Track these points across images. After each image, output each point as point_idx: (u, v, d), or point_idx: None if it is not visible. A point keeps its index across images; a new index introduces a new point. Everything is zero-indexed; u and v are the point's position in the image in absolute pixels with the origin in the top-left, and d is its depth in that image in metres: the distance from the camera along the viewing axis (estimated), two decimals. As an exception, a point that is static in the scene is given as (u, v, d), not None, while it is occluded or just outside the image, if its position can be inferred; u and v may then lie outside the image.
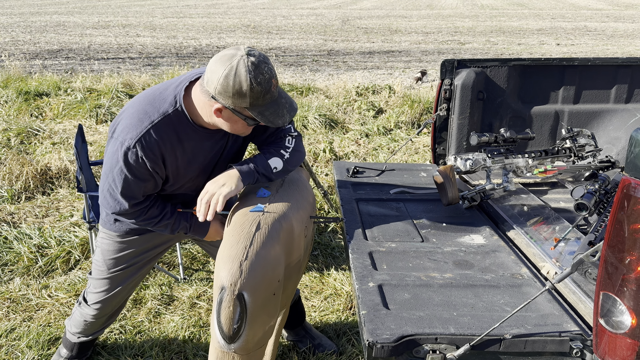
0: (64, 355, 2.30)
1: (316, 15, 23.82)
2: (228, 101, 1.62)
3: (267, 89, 1.63)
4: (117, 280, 2.07)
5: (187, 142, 1.78)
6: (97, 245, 2.07)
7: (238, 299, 1.53)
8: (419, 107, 6.40)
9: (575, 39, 15.48)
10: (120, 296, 2.12)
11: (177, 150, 1.77)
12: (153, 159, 1.71)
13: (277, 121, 1.69)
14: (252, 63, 1.59)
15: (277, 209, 1.76)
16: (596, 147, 2.73)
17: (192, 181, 1.91)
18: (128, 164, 1.69)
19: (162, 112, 1.71)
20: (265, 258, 1.59)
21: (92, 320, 2.16)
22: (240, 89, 1.59)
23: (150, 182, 1.78)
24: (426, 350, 1.48)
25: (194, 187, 1.94)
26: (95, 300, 2.10)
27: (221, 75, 1.59)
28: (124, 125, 1.71)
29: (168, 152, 1.74)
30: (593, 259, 1.55)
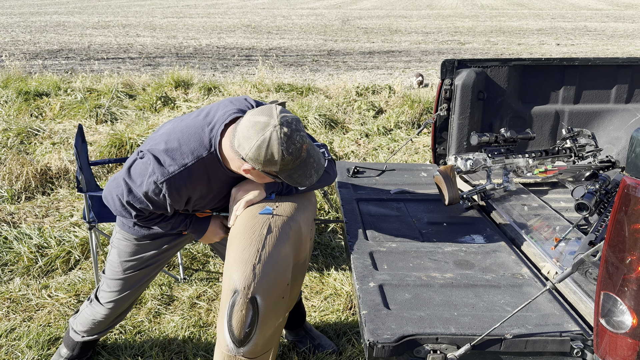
0: (64, 355, 2.30)
1: (316, 15, 23.82)
2: (258, 166, 1.63)
3: (298, 155, 1.63)
4: (132, 281, 2.08)
5: (215, 182, 1.79)
6: (113, 246, 2.08)
7: (251, 302, 1.51)
8: (419, 107, 6.40)
9: (575, 39, 15.48)
10: (133, 297, 2.14)
11: (203, 189, 1.78)
12: (177, 199, 1.74)
13: (304, 182, 1.69)
14: (285, 134, 1.59)
15: (286, 211, 1.75)
16: (596, 147, 2.73)
17: (209, 205, 1.91)
18: (148, 194, 1.71)
19: (197, 156, 1.71)
20: (277, 261, 1.59)
21: (102, 320, 2.16)
22: (272, 158, 1.60)
23: (162, 209, 1.79)
24: (427, 350, 1.48)
25: (211, 206, 1.94)
26: (109, 299, 2.11)
27: (253, 145, 1.59)
28: (158, 153, 1.71)
29: (195, 192, 1.76)
30: (594, 259, 1.55)
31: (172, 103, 6.44)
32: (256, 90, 7.15)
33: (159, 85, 7.21)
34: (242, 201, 1.77)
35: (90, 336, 2.24)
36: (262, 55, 11.86)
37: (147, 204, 1.74)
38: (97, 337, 2.26)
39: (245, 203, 1.77)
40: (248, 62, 11.21)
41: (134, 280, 2.09)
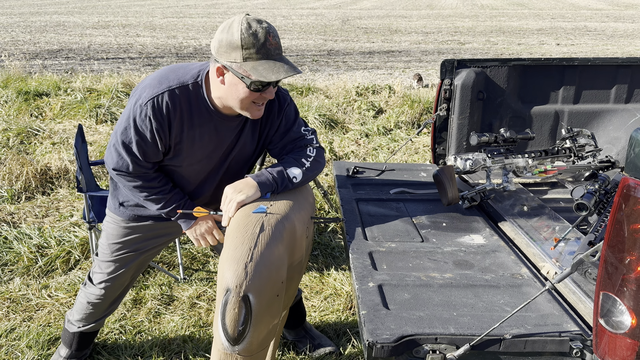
0: (63, 354, 2.30)
1: (316, 15, 23.82)
2: (223, 57, 1.66)
3: (261, 42, 1.63)
4: (121, 263, 2.11)
5: (198, 118, 1.80)
6: (103, 229, 2.13)
7: (243, 300, 1.52)
8: (419, 107, 6.40)
9: (575, 39, 15.48)
10: (123, 279, 2.15)
11: (185, 123, 1.79)
12: (160, 121, 1.75)
13: (270, 76, 1.65)
14: (248, 18, 1.64)
15: (280, 209, 1.76)
16: (596, 147, 2.73)
17: (194, 165, 1.91)
18: (135, 121, 1.75)
19: (181, 82, 1.76)
20: (269, 259, 1.59)
21: (96, 302, 2.17)
22: (231, 38, 1.63)
23: (151, 146, 1.80)
24: (426, 350, 1.48)
25: (195, 174, 1.94)
26: (100, 279, 2.14)
27: (218, 32, 1.68)
28: (144, 85, 1.78)
29: (176, 120, 1.77)
30: (593, 259, 1.55)
31: (172, 103, 6.44)
32: (256, 90, 7.14)
33: (159, 85, 7.20)
34: (234, 202, 1.77)
35: (86, 325, 2.23)
36: (262, 55, 11.83)
37: (136, 136, 1.76)
38: (92, 326, 2.25)
39: (237, 204, 1.76)
40: (248, 62, 11.20)
41: (123, 263, 2.11)
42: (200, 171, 1.95)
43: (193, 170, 1.94)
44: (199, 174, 1.96)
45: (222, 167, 1.98)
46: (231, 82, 1.71)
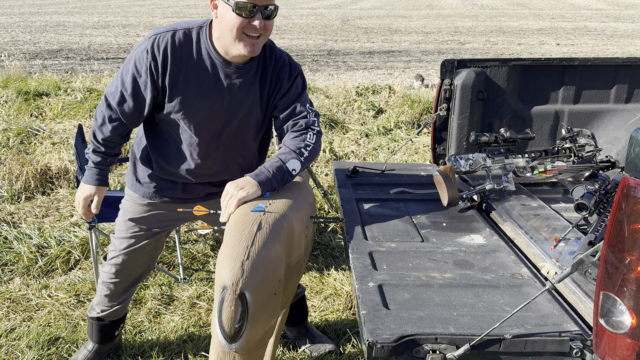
0: (90, 347, 2.34)
1: (316, 15, 23.82)
2: None
3: None
4: (134, 240, 2.13)
5: (197, 63, 1.84)
6: (121, 207, 2.17)
7: (240, 298, 1.53)
8: (419, 107, 6.40)
9: (575, 39, 15.49)
10: (135, 260, 2.16)
11: (183, 65, 1.83)
12: (156, 57, 1.81)
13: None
14: None
15: (278, 208, 1.76)
16: (596, 147, 2.73)
17: (195, 117, 1.90)
18: (136, 54, 1.85)
19: (187, 27, 1.86)
20: (266, 258, 1.59)
21: (110, 282, 2.19)
22: None
23: (144, 82, 1.84)
24: (426, 350, 1.48)
25: (199, 130, 1.92)
26: (113, 256, 2.17)
27: None
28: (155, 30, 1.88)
29: (174, 61, 1.82)
30: (593, 259, 1.55)
31: (172, 103, 6.44)
32: (256, 90, 7.15)
33: (159, 85, 7.20)
34: (235, 198, 1.77)
35: (104, 311, 2.25)
36: (262, 55, 11.84)
37: (133, 70, 1.84)
38: (109, 312, 2.26)
39: (237, 201, 1.76)
40: (248, 62, 11.21)
41: (137, 241, 2.13)
42: (204, 128, 1.92)
43: (195, 125, 1.92)
44: (203, 132, 1.93)
45: (227, 128, 1.94)
46: (222, 13, 1.76)
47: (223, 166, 2.04)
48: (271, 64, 1.95)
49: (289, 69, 1.97)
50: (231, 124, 1.95)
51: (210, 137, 1.96)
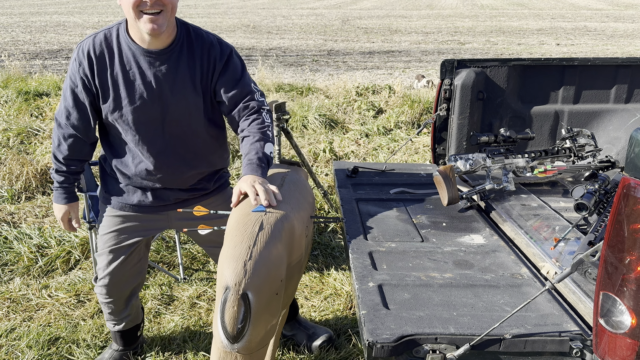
0: (114, 347, 2.38)
1: (316, 15, 23.83)
2: None
3: None
4: (114, 254, 2.12)
5: (120, 58, 1.88)
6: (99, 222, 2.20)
7: (242, 298, 1.53)
8: (419, 107, 6.40)
9: (575, 39, 15.49)
10: (120, 274, 2.15)
11: (108, 64, 1.88)
12: (82, 63, 1.87)
13: None
14: None
15: (279, 209, 1.76)
16: (596, 147, 2.73)
17: (122, 112, 1.90)
18: (70, 67, 1.94)
19: (107, 28, 1.92)
20: (268, 258, 1.60)
21: (106, 302, 2.21)
22: None
23: (80, 92, 1.91)
24: (426, 350, 1.48)
25: (139, 125, 1.92)
26: (101, 277, 2.17)
27: None
28: None
29: (99, 62, 1.88)
30: (593, 259, 1.55)
31: (172, 103, 6.44)
32: (256, 90, 7.14)
33: (159, 85, 7.20)
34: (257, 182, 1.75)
35: (118, 324, 2.29)
36: (262, 55, 11.86)
37: (70, 83, 1.92)
38: (125, 325, 2.29)
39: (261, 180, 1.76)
40: (248, 62, 11.21)
41: (117, 255, 2.12)
42: (143, 122, 1.92)
43: (134, 121, 1.92)
44: (143, 127, 1.93)
45: (167, 118, 1.93)
46: (127, 3, 1.78)
47: (181, 161, 2.01)
48: (198, 46, 1.93)
49: (219, 48, 1.95)
50: (169, 113, 1.93)
51: (153, 131, 1.95)
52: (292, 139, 3.52)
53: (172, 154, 1.99)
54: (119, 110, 1.91)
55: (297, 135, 5.76)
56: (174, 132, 1.97)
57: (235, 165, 4.79)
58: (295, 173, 2.19)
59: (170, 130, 1.96)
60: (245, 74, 2.01)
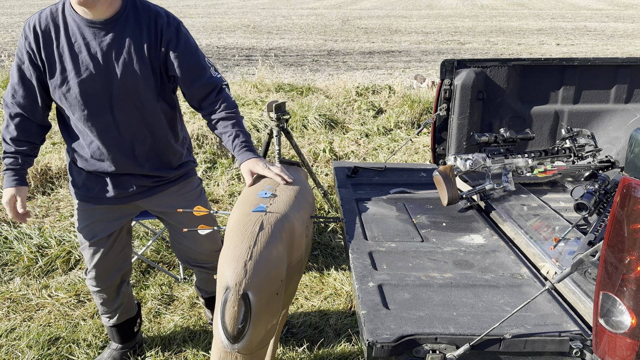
0: (113, 347, 2.40)
1: (316, 15, 23.83)
2: None
3: None
4: (95, 248, 2.14)
5: (65, 31, 1.86)
6: None
7: (243, 298, 1.53)
8: (418, 107, 6.40)
9: (575, 39, 15.49)
10: (105, 265, 2.17)
11: (54, 37, 1.86)
12: (29, 37, 1.85)
13: None
14: None
15: (279, 209, 1.77)
16: (596, 147, 2.73)
17: (69, 86, 1.88)
18: (18, 43, 1.91)
19: (54, 4, 1.90)
20: (269, 258, 1.60)
21: (99, 292, 2.23)
22: None
23: (27, 68, 1.88)
24: (426, 350, 1.48)
25: (88, 98, 1.89)
26: (88, 269, 2.20)
27: None
28: None
29: (45, 36, 1.86)
30: (593, 259, 1.56)
31: (172, 103, 6.44)
32: (256, 90, 7.15)
33: (159, 85, 7.20)
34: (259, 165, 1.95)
35: (112, 317, 2.31)
36: (262, 55, 11.87)
37: (17, 60, 1.90)
38: (119, 317, 2.31)
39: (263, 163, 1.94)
40: (248, 62, 11.22)
41: (98, 249, 2.14)
42: (91, 95, 1.89)
43: (82, 94, 1.88)
44: (92, 100, 1.89)
45: (115, 90, 1.89)
46: None
47: (134, 138, 1.98)
48: (145, 15, 1.90)
49: (166, 19, 1.93)
50: (117, 84, 1.88)
51: (102, 105, 1.90)
52: (292, 139, 3.52)
53: (122, 130, 1.95)
54: (66, 84, 1.87)
55: (297, 135, 5.76)
56: (125, 106, 1.92)
57: (228, 163, 4.79)
58: (295, 173, 2.19)
59: (120, 105, 1.91)
60: (199, 50, 2.02)
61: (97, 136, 1.95)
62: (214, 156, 4.93)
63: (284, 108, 3.44)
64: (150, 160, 2.04)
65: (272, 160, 4.59)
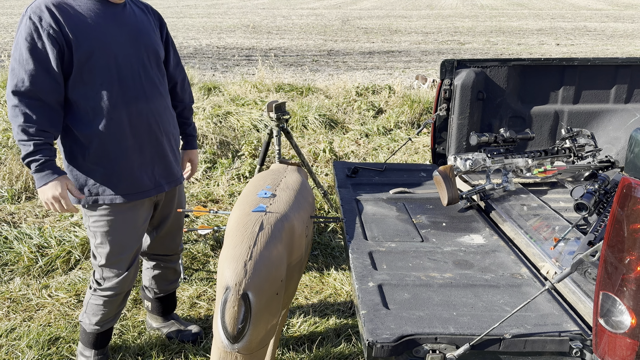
0: (89, 354, 2.30)
1: (316, 15, 23.83)
2: None
3: None
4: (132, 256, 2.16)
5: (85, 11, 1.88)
6: (94, 231, 2.07)
7: (243, 298, 1.53)
8: (418, 107, 6.40)
9: (575, 39, 15.48)
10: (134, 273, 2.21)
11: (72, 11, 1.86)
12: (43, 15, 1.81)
13: None
14: None
15: (279, 209, 1.77)
16: (596, 147, 2.73)
17: (113, 55, 1.91)
18: (23, 33, 1.81)
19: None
20: (268, 258, 1.60)
21: (111, 302, 2.20)
22: None
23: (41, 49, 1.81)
24: (426, 350, 1.48)
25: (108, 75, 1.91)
26: (110, 286, 2.17)
27: None
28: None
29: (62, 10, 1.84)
30: (593, 259, 1.56)
31: (172, 103, 6.44)
32: (256, 90, 7.15)
33: (159, 85, 7.19)
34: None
35: (107, 325, 2.26)
36: (262, 55, 11.86)
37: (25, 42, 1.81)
38: (112, 323, 2.29)
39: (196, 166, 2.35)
40: (248, 62, 11.22)
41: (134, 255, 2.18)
42: (123, 63, 1.94)
43: (115, 64, 1.92)
44: (125, 69, 1.94)
45: (141, 56, 1.98)
46: None
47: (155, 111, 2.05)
48: (140, 4, 2.12)
49: (153, 11, 2.17)
50: (141, 52, 1.99)
51: (133, 72, 1.97)
52: (292, 139, 3.52)
53: (148, 99, 2.02)
54: (100, 51, 1.88)
55: (297, 135, 5.76)
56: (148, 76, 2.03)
57: (234, 165, 4.79)
58: (295, 173, 2.19)
59: (149, 67, 2.04)
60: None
61: (126, 106, 1.95)
62: (214, 156, 4.93)
63: (284, 108, 3.44)
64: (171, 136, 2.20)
65: (272, 160, 4.59)
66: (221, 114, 5.74)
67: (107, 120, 1.93)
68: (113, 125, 1.94)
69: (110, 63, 1.91)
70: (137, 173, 2.03)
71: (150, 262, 2.43)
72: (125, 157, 1.99)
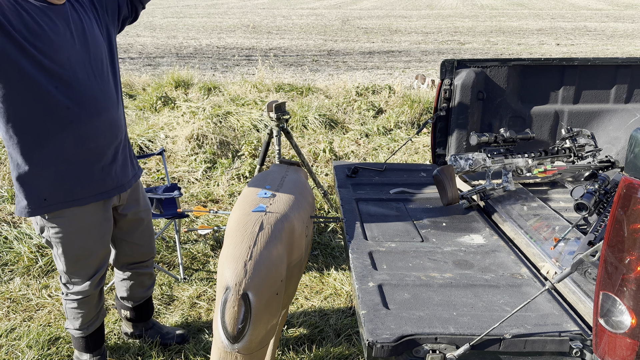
0: (87, 359, 2.28)
1: (316, 15, 23.82)
2: None
3: None
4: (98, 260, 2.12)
5: (27, 8, 1.76)
6: (56, 241, 2.00)
7: (243, 298, 1.53)
8: (418, 107, 6.40)
9: (575, 39, 15.48)
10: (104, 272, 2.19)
11: (19, 15, 1.73)
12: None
13: None
14: None
15: (279, 209, 1.77)
16: (596, 147, 2.73)
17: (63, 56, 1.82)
18: None
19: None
20: (268, 258, 1.60)
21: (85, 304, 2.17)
22: None
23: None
24: (426, 350, 1.48)
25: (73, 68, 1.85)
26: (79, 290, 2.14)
27: None
28: None
29: (9, 9, 1.72)
30: (593, 259, 1.56)
31: (172, 103, 6.45)
32: (256, 90, 7.15)
33: (159, 86, 7.21)
34: None
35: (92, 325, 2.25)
36: (262, 55, 11.86)
37: None
38: (98, 322, 2.28)
39: None
40: (248, 62, 11.22)
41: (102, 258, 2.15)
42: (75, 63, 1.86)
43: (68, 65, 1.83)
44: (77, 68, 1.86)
45: (89, 57, 1.89)
46: None
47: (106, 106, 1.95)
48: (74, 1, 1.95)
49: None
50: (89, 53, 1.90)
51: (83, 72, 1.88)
52: (292, 139, 3.52)
53: (100, 97, 1.93)
54: (47, 55, 1.78)
55: (297, 135, 5.76)
56: (93, 63, 1.92)
57: (234, 165, 4.79)
58: (295, 173, 2.19)
59: (93, 62, 1.92)
60: None
61: (83, 105, 1.87)
62: (214, 156, 4.93)
63: (284, 108, 3.44)
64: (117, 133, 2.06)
65: (272, 160, 4.59)
66: (221, 114, 5.74)
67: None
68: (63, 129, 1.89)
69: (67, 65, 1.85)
70: (93, 174, 1.96)
71: (126, 272, 2.36)
72: (79, 158, 1.92)
